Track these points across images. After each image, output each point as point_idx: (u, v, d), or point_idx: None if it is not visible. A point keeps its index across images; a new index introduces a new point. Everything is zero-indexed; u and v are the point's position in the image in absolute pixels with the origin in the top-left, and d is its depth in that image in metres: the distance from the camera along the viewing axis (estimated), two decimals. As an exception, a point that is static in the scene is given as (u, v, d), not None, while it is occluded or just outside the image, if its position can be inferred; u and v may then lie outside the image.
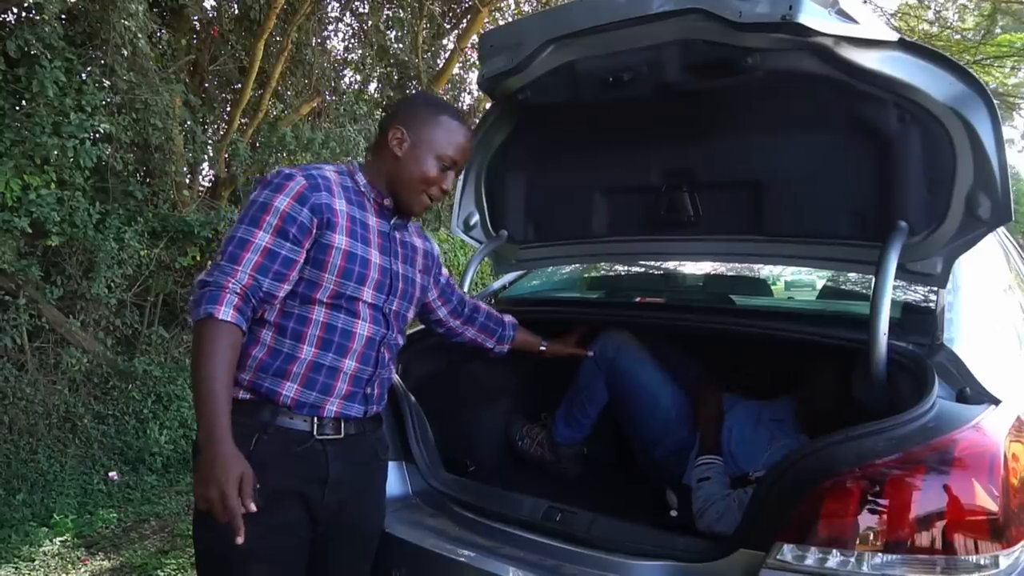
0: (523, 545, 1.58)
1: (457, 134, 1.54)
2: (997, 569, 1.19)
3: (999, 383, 1.47)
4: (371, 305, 1.49)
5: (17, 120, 4.26)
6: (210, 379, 1.27)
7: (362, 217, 1.50)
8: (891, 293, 1.53)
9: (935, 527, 1.20)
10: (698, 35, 1.62)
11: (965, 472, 1.22)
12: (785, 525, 1.27)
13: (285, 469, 1.41)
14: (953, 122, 1.58)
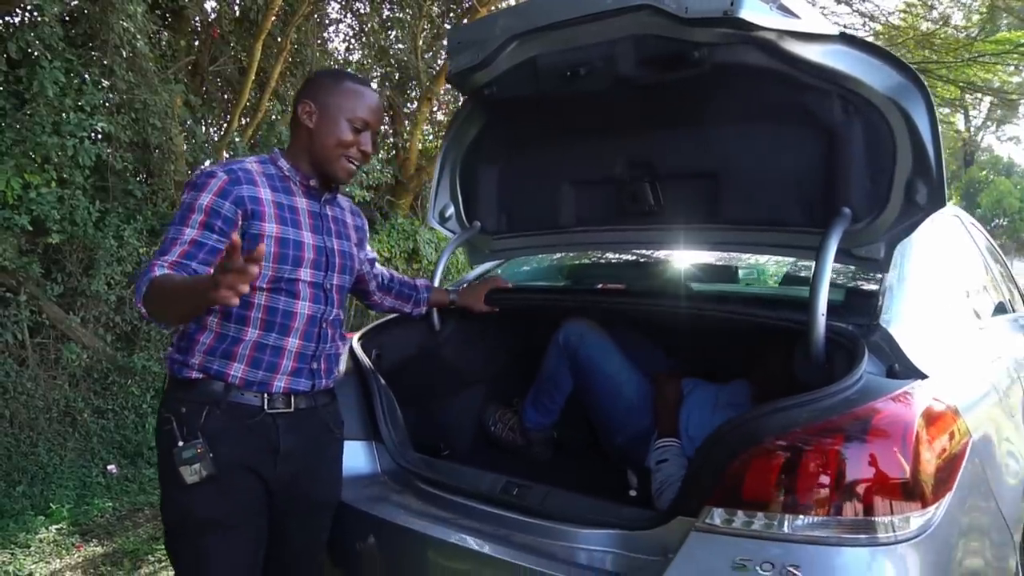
0: (480, 517, 1.68)
1: (363, 96, 1.63)
2: (908, 529, 1.28)
3: (931, 361, 1.56)
4: (311, 283, 1.59)
5: (18, 120, 4.40)
6: (179, 285, 1.36)
7: (289, 202, 1.60)
8: (829, 276, 1.61)
9: (851, 490, 1.28)
10: (648, 30, 1.71)
11: (880, 439, 1.30)
12: (713, 491, 1.36)
13: (237, 441, 1.51)
14: (893, 112, 1.67)
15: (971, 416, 1.54)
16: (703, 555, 1.33)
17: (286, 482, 1.59)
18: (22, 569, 3.00)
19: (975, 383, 1.73)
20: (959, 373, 1.67)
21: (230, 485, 1.50)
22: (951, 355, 1.70)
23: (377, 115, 1.66)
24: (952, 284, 2.01)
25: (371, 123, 1.64)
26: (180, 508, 1.53)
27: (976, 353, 1.87)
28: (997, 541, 1.58)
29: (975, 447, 1.51)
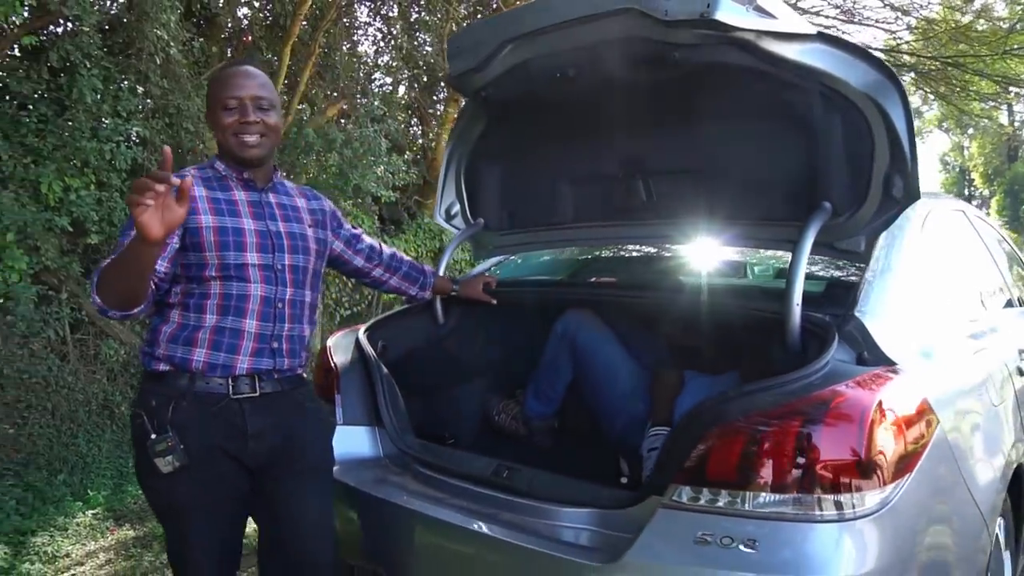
0: (471, 497, 1.78)
1: (225, 79, 1.72)
2: (863, 507, 1.35)
3: (904, 350, 1.62)
4: (260, 266, 1.70)
5: (59, 126, 4.64)
6: (115, 258, 1.50)
7: (227, 196, 1.72)
8: (805, 268, 1.68)
9: (808, 469, 1.36)
10: (631, 33, 1.79)
11: (838, 422, 1.38)
12: (679, 470, 1.44)
13: (205, 429, 1.64)
14: (870, 109, 1.73)
15: (942, 404, 1.60)
16: (668, 530, 1.42)
17: (263, 459, 1.70)
18: (60, 550, 3.20)
19: (952, 374, 1.78)
20: (934, 363, 1.72)
21: (203, 471, 1.63)
22: (928, 346, 1.75)
23: (244, 87, 1.70)
24: (943, 277, 2.05)
25: (242, 97, 1.68)
26: (160, 495, 1.67)
27: (959, 345, 1.91)
28: (966, 528, 1.63)
29: (946, 434, 1.57)
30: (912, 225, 2.05)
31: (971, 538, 1.64)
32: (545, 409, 2.44)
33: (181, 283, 1.69)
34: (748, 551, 1.34)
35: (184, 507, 1.67)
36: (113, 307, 1.57)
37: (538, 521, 1.65)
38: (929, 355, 1.72)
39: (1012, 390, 2.06)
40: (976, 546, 1.65)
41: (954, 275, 2.16)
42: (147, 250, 1.41)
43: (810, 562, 1.32)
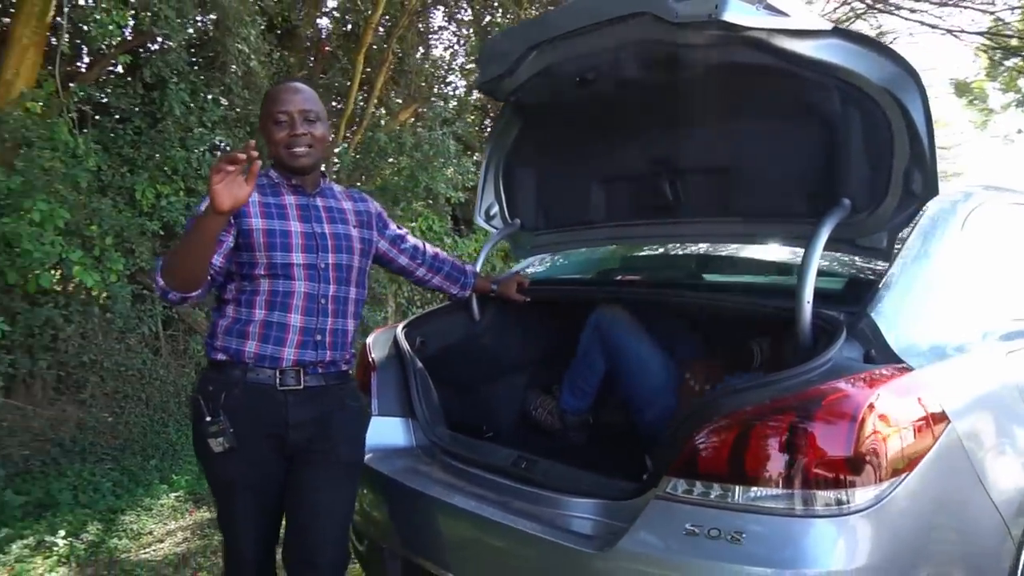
0: (489, 486, 1.88)
1: (275, 95, 1.88)
2: (854, 503, 1.36)
3: (918, 349, 1.61)
4: (304, 265, 1.85)
5: (151, 136, 5.04)
6: (178, 244, 1.71)
7: (277, 200, 1.88)
8: (817, 266, 1.69)
9: (796, 464, 1.38)
10: (646, 36, 1.84)
11: (829, 418, 1.39)
12: (673, 463, 1.49)
13: (253, 417, 1.81)
14: (889, 103, 1.72)
15: (958, 406, 1.57)
16: (660, 521, 1.47)
17: (302, 446, 1.86)
18: (144, 528, 3.50)
19: (973, 377, 1.73)
20: (953, 365, 1.68)
21: (249, 454, 1.80)
22: (949, 347, 1.72)
23: (292, 101, 1.85)
24: (980, 277, 1.98)
25: (290, 111, 1.85)
26: (211, 471, 1.88)
27: (987, 349, 1.85)
28: (982, 533, 1.59)
29: (960, 436, 1.54)
30: (950, 222, 2.00)
31: (987, 544, 1.60)
32: (579, 404, 2.51)
33: (235, 280, 1.87)
34: (733, 544, 1.37)
35: (231, 484, 1.86)
36: (174, 289, 1.76)
37: (548, 510, 1.73)
38: (948, 356, 1.69)
39: None
40: (994, 553, 1.61)
41: (998, 275, 2.08)
42: (213, 222, 1.61)
43: (793, 556, 1.34)
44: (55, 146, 4.40)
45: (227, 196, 1.56)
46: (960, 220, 2.04)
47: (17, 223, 4.07)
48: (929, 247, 1.90)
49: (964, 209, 2.06)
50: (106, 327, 4.86)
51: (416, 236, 2.34)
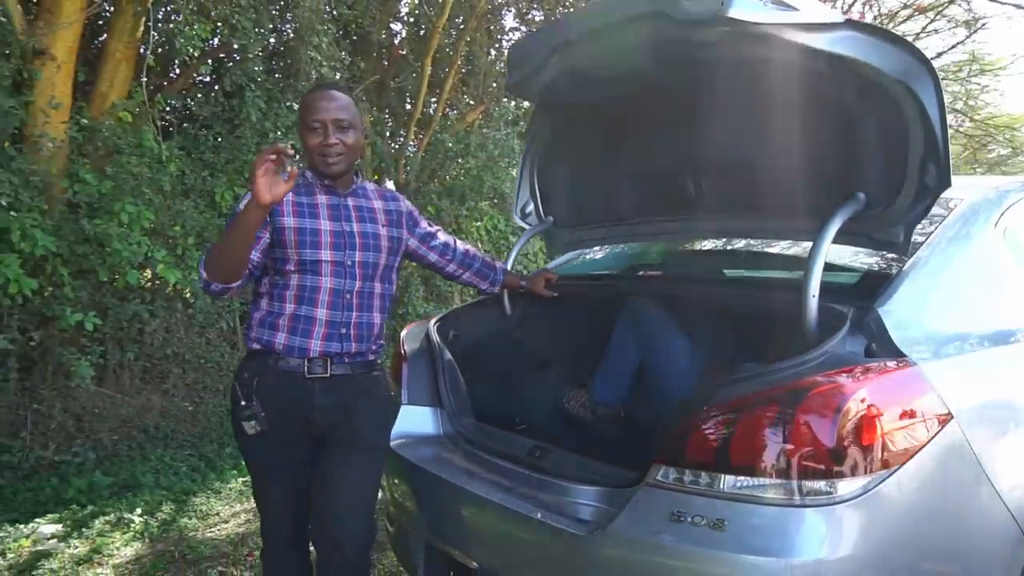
0: (504, 473, 1.96)
1: (311, 102, 1.99)
2: (835, 493, 1.38)
3: (922, 345, 1.60)
4: (332, 262, 1.98)
5: (230, 142, 5.37)
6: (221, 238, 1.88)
7: (309, 200, 2.01)
8: (823, 259, 1.70)
9: (782, 455, 1.41)
10: (658, 35, 1.89)
11: (812, 410, 1.41)
12: (661, 451, 1.54)
13: (283, 402, 1.96)
14: (903, 95, 1.71)
15: (963, 403, 1.55)
16: (648, 507, 1.53)
17: (327, 430, 2.00)
18: (212, 509, 3.76)
19: (983, 375, 1.69)
20: (960, 362, 1.65)
21: (279, 436, 1.97)
22: (958, 344, 1.68)
23: (326, 110, 1.97)
24: (1007, 276, 1.93)
25: (323, 119, 1.97)
26: (245, 452, 2.06)
27: (1003, 348, 1.79)
28: (988, 532, 1.57)
29: (963, 432, 1.53)
30: (980, 219, 1.96)
31: (997, 547, 1.57)
32: (612, 396, 2.55)
33: (269, 275, 2.03)
34: (715, 531, 1.42)
35: (263, 464, 2.04)
36: (215, 280, 1.93)
37: (556, 497, 1.80)
38: (956, 354, 1.66)
39: None
40: (1005, 556, 1.58)
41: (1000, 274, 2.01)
42: (253, 216, 1.77)
43: (773, 545, 1.37)
44: (142, 153, 4.77)
45: (266, 191, 1.71)
46: (995, 216, 1.99)
47: (108, 224, 4.44)
48: (952, 242, 1.87)
49: (1000, 204, 2.02)
50: (188, 322, 5.22)
51: (482, 234, 2.45)
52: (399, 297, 6.14)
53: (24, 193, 4.17)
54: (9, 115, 4.23)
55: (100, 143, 4.70)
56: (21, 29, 4.43)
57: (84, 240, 4.40)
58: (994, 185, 2.13)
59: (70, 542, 3.30)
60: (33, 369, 4.47)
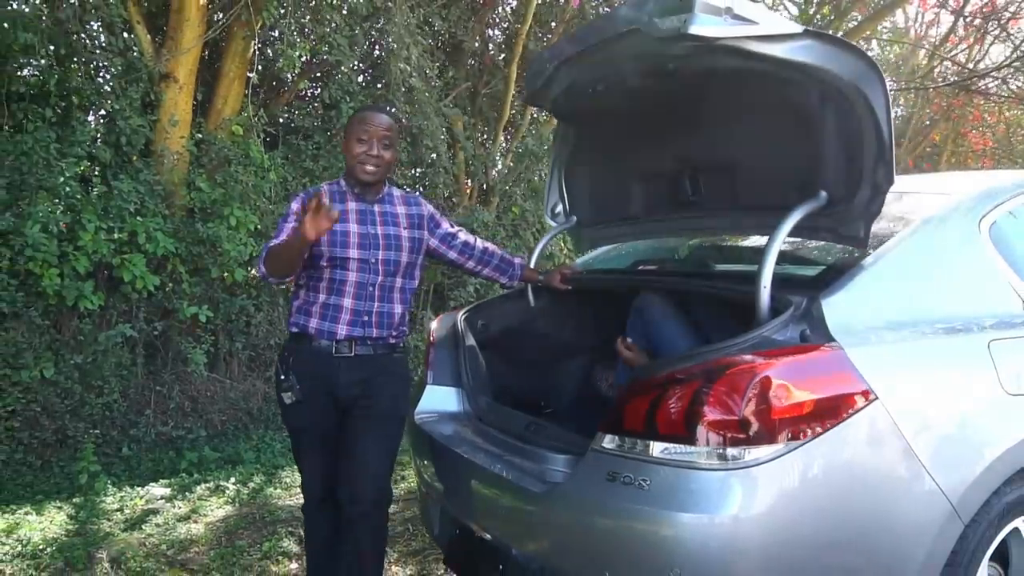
0: (499, 444, 2.26)
1: (365, 117, 2.36)
2: (743, 459, 1.58)
3: (856, 333, 1.75)
4: (358, 259, 2.33)
5: (328, 150, 5.92)
6: (280, 244, 2.27)
7: (341, 206, 2.36)
8: (776, 253, 1.88)
9: (699, 424, 1.62)
10: (639, 50, 2.12)
11: (726, 386, 1.61)
12: (605, 421, 1.79)
13: (314, 376, 2.35)
14: (858, 98, 1.87)
15: (890, 386, 1.70)
16: (590, 468, 1.78)
17: (350, 402, 2.37)
18: (295, 482, 4.25)
19: (916, 359, 1.82)
20: (893, 348, 1.78)
21: (311, 405, 2.36)
22: (895, 334, 1.81)
23: (374, 126, 2.36)
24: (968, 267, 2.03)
25: (370, 132, 2.35)
26: (284, 418, 2.48)
27: (942, 338, 1.89)
28: (918, 509, 1.70)
29: (889, 413, 1.67)
30: (956, 217, 2.08)
31: (925, 522, 1.70)
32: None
33: (307, 268, 2.42)
34: (639, 489, 1.65)
35: (298, 429, 2.44)
36: (273, 275, 2.34)
37: (537, 464, 2.07)
38: (891, 341, 1.79)
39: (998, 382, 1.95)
40: (933, 532, 1.70)
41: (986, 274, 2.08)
42: (301, 244, 2.17)
43: (686, 502, 1.59)
44: (248, 162, 5.39)
45: (312, 230, 2.09)
46: (973, 218, 2.10)
47: (218, 227, 5.07)
48: (915, 240, 2.01)
49: (981, 207, 2.12)
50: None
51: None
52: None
53: (149, 201, 4.86)
54: (138, 132, 4.95)
55: (214, 155, 5.35)
56: (149, 56, 5.15)
57: (199, 241, 5.05)
58: (985, 184, 2.22)
59: (175, 503, 3.88)
60: (156, 356, 5.16)
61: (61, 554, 3.15)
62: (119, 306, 4.85)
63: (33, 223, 4.17)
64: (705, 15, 1.89)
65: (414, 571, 3.07)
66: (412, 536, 3.38)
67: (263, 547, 3.25)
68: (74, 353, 4.53)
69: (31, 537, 3.32)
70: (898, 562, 1.69)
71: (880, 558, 1.68)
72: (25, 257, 4.20)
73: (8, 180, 4.26)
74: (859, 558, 1.67)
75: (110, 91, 5.02)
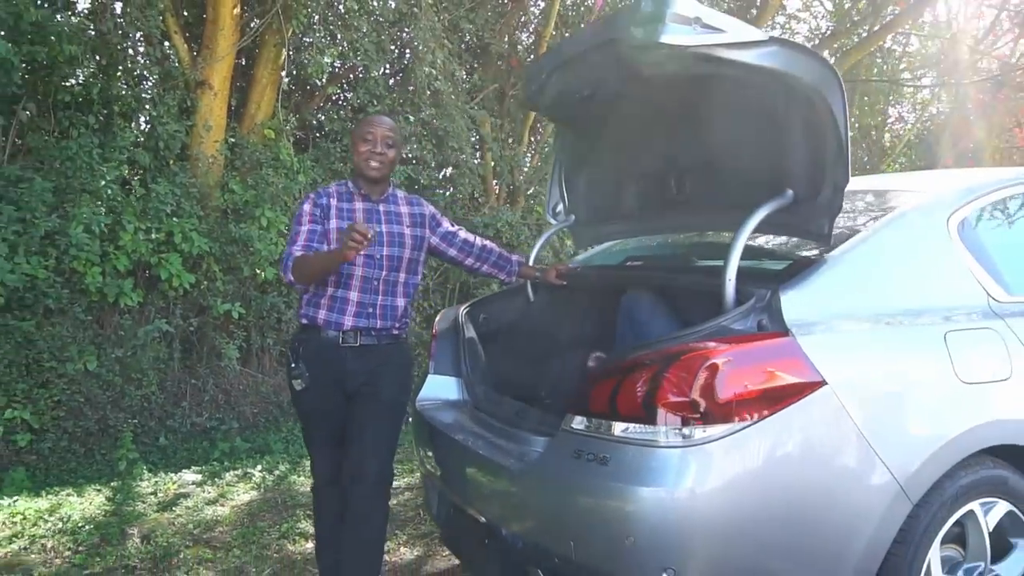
0: (490, 428, 2.44)
1: (370, 120, 2.59)
2: (694, 438, 1.72)
3: (809, 324, 1.88)
4: (364, 256, 2.51)
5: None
6: (314, 259, 2.47)
7: (349, 206, 2.56)
8: (742, 248, 2.02)
9: (654, 406, 1.77)
10: (622, 57, 2.27)
11: (679, 371, 1.76)
12: (572, 403, 1.95)
13: (321, 365, 2.55)
14: (820, 101, 2.01)
15: (840, 372, 1.82)
16: (560, 447, 1.95)
17: (356, 388, 2.56)
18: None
19: (867, 348, 1.94)
20: (844, 338, 1.91)
21: (319, 391, 2.56)
22: (848, 323, 1.93)
23: (378, 127, 2.58)
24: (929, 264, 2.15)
25: (374, 132, 2.56)
26: (295, 403, 2.67)
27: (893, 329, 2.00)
28: (865, 488, 1.82)
29: (838, 397, 1.80)
30: (923, 216, 2.19)
31: (872, 501, 1.82)
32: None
33: None
34: (600, 465, 1.81)
35: (308, 414, 2.65)
36: (300, 282, 2.54)
37: (520, 445, 2.24)
38: (845, 331, 1.91)
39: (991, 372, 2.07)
40: (881, 510, 1.82)
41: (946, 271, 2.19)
42: (338, 262, 2.39)
43: (641, 475, 1.74)
44: (279, 165, 5.66)
45: (353, 254, 2.27)
46: (941, 216, 2.22)
47: (250, 227, 5.35)
48: (877, 237, 2.12)
49: (950, 206, 2.23)
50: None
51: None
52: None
53: (185, 203, 5.16)
54: (175, 138, 5.25)
55: (246, 158, 5.64)
56: (186, 64, 5.46)
57: (232, 241, 5.33)
58: (958, 182, 2.32)
59: (205, 488, 4.15)
60: (192, 350, 5.46)
61: (97, 531, 3.43)
62: (157, 303, 5.15)
63: (77, 224, 4.48)
64: (675, 24, 2.04)
65: (421, 552, 3.27)
66: (421, 521, 3.58)
67: (281, 528, 3.49)
68: (115, 347, 4.84)
69: (71, 515, 3.61)
70: (845, 538, 1.82)
71: (828, 533, 1.81)
72: (70, 256, 4.51)
73: (54, 184, 4.57)
74: (807, 533, 1.80)
75: (149, 99, 5.35)
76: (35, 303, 4.42)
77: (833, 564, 1.81)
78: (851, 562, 1.81)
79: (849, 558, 1.81)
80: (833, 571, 1.81)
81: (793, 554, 1.80)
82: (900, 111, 12.20)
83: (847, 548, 1.81)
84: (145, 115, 5.34)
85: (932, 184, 2.44)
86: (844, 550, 1.81)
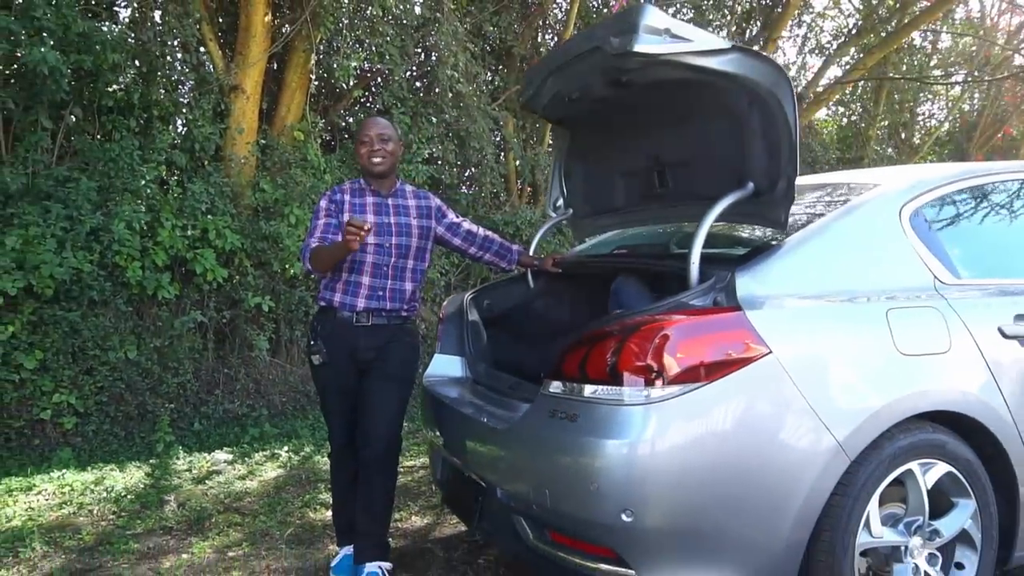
0: (487, 399, 2.75)
1: (366, 123, 2.92)
2: (651, 398, 2.02)
3: (760, 300, 2.16)
4: (375, 244, 2.85)
5: (380, 153, 6.52)
6: (327, 249, 2.81)
7: (360, 200, 2.89)
8: (705, 234, 2.30)
9: (615, 370, 2.07)
10: (601, 64, 2.58)
11: (638, 339, 2.06)
12: (549, 370, 2.25)
13: (338, 342, 2.89)
14: (775, 103, 2.29)
15: (783, 342, 2.10)
16: (538, 409, 2.25)
17: (368, 364, 2.90)
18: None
19: (811, 322, 2.21)
20: (789, 313, 2.18)
21: (335, 366, 2.91)
22: (797, 298, 2.21)
23: (372, 128, 2.92)
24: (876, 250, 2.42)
25: (371, 135, 2.91)
26: (314, 377, 3.03)
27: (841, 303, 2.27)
28: (805, 442, 2.09)
29: (781, 363, 2.08)
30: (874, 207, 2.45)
31: (811, 454, 2.09)
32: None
33: None
34: (571, 422, 2.11)
35: (325, 386, 2.99)
36: (316, 270, 2.90)
37: (510, 412, 2.55)
38: (791, 307, 2.19)
39: (935, 344, 2.33)
40: (818, 462, 2.09)
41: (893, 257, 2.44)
42: (345, 252, 2.74)
43: (604, 429, 2.04)
44: (307, 165, 6.04)
45: (356, 243, 2.61)
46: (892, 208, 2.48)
47: (279, 225, 5.73)
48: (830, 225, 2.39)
49: (901, 198, 2.49)
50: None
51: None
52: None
53: (219, 201, 5.57)
54: (210, 140, 5.67)
55: (276, 159, 6.03)
56: (221, 70, 5.87)
57: (262, 238, 5.73)
58: (912, 176, 2.59)
59: (235, 466, 4.53)
60: (225, 341, 5.86)
61: (138, 499, 3.82)
62: (192, 296, 5.56)
63: (119, 221, 4.90)
64: (647, 35, 2.33)
65: (431, 520, 3.61)
66: (433, 494, 3.91)
67: (304, 498, 3.86)
68: (153, 337, 5.25)
69: (114, 486, 4.01)
70: (786, 488, 2.09)
71: (770, 483, 2.08)
72: (112, 251, 4.93)
73: (98, 183, 5.01)
74: (751, 483, 2.07)
75: (186, 103, 5.77)
76: (81, 295, 4.84)
77: (775, 511, 2.09)
78: (792, 510, 2.09)
79: (790, 506, 2.09)
80: (775, 517, 2.09)
81: (739, 500, 2.07)
82: (931, 108, 12.26)
83: (788, 497, 2.09)
84: (182, 119, 5.75)
85: (888, 178, 2.69)
86: (785, 499, 2.09)
